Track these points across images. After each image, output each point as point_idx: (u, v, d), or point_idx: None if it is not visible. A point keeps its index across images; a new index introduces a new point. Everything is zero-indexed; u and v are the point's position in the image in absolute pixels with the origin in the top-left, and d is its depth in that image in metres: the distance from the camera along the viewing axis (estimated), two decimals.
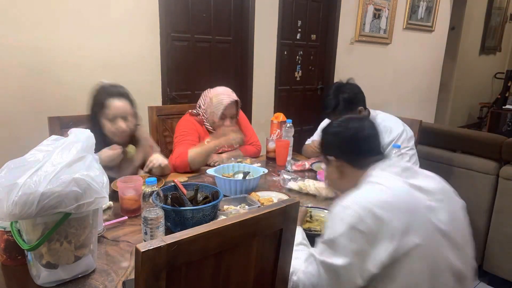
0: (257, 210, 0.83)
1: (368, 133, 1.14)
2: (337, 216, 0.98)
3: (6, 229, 1.02)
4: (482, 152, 2.29)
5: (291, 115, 2.65)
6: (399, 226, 0.92)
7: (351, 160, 1.14)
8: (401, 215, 0.94)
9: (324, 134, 1.23)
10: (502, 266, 2.23)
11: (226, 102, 1.96)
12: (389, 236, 0.92)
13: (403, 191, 0.99)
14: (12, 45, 2.17)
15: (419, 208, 0.98)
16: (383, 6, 4.43)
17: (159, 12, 2.69)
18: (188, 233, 0.71)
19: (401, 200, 0.97)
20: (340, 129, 1.17)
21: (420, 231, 0.94)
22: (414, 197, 0.99)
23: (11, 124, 2.23)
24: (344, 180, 1.16)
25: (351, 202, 0.97)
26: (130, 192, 1.38)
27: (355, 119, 1.20)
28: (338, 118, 1.22)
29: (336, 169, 1.17)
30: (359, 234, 0.93)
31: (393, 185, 1.00)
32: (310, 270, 1.00)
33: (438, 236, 0.98)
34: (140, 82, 2.69)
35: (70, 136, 1.03)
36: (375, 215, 0.93)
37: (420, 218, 0.96)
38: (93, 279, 1.01)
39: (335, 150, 1.17)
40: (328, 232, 0.99)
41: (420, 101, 5.42)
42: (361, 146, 1.13)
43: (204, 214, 1.25)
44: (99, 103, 1.62)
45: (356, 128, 1.14)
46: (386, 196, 0.97)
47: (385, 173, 1.05)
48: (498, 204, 2.20)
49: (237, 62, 3.38)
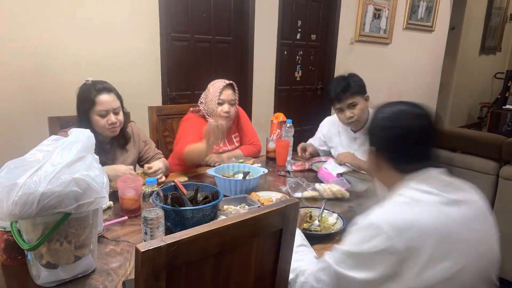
0: (257, 210, 0.83)
1: (420, 137, 0.99)
2: (363, 233, 0.90)
3: (6, 229, 1.02)
4: (482, 152, 2.29)
5: (291, 115, 2.65)
6: (428, 248, 0.85)
7: (392, 160, 1.02)
8: (431, 238, 0.86)
9: (374, 121, 1.08)
10: (502, 266, 2.21)
11: (221, 85, 1.99)
12: (417, 259, 0.85)
13: (436, 210, 0.90)
14: (12, 45, 2.17)
15: (453, 229, 0.90)
16: (383, 6, 4.43)
17: (159, 12, 2.69)
18: (188, 233, 0.71)
19: (433, 220, 0.88)
20: (389, 124, 1.01)
21: (450, 254, 0.87)
22: (448, 216, 0.90)
23: (11, 124, 2.23)
24: (380, 174, 1.07)
25: (379, 219, 0.89)
26: (130, 192, 1.38)
27: (412, 114, 1.01)
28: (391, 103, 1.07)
29: (374, 160, 1.07)
30: (388, 256, 0.86)
31: (426, 202, 0.91)
32: (321, 276, 0.96)
33: (470, 256, 0.92)
34: (140, 82, 2.69)
35: (70, 136, 1.03)
36: (404, 238, 0.85)
37: (452, 241, 0.89)
38: (93, 279, 1.01)
39: (377, 143, 1.05)
40: (350, 243, 0.93)
41: (420, 101, 5.32)
42: (406, 150, 1.00)
43: (204, 214, 1.25)
44: (88, 100, 1.62)
45: (407, 128, 0.99)
46: (417, 216, 0.88)
47: (420, 185, 0.94)
48: (498, 204, 2.20)
49: (237, 62, 3.38)
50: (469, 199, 0.97)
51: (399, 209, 0.91)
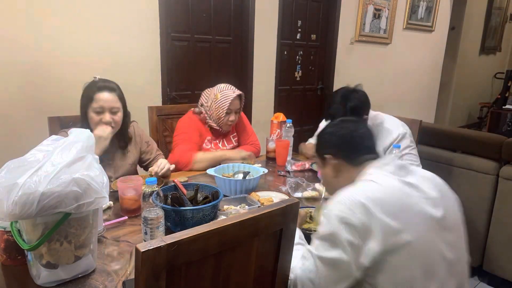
0: (257, 210, 0.83)
1: (363, 132, 1.19)
2: (330, 211, 1.00)
3: (6, 229, 1.02)
4: (482, 152, 2.29)
5: (291, 115, 2.65)
6: (389, 222, 0.94)
7: (347, 156, 1.17)
8: (393, 211, 0.96)
9: (321, 135, 1.27)
10: (502, 266, 2.23)
11: (232, 96, 1.98)
12: (380, 231, 0.93)
13: (396, 188, 1.01)
14: (12, 45, 2.17)
15: (412, 205, 1.00)
16: (383, 6, 4.43)
17: (159, 12, 2.69)
18: (188, 233, 0.71)
19: (393, 197, 0.99)
20: (336, 128, 1.22)
21: (411, 228, 0.96)
22: (408, 194, 1.01)
23: (11, 124, 2.23)
24: (340, 178, 1.19)
25: (343, 197, 1.00)
26: (130, 192, 1.38)
27: (350, 120, 1.25)
28: (333, 120, 1.28)
29: (332, 167, 1.20)
30: (351, 227, 0.94)
31: (386, 182, 1.03)
32: (307, 265, 1.01)
33: (431, 232, 0.99)
34: (140, 82, 2.69)
35: (70, 136, 1.03)
36: (366, 210, 0.95)
37: (412, 215, 0.98)
38: (93, 279, 1.01)
39: (331, 148, 1.20)
40: (323, 228, 1.01)
41: (420, 101, 5.42)
42: (356, 143, 1.18)
43: (204, 214, 1.25)
44: (87, 96, 1.63)
45: (351, 127, 1.20)
46: (378, 192, 0.99)
47: (380, 171, 1.07)
48: (498, 204, 2.20)
49: (237, 62, 3.38)
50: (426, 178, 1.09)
51: (360, 187, 1.03)
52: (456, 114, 6.52)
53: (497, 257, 2.24)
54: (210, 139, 2.07)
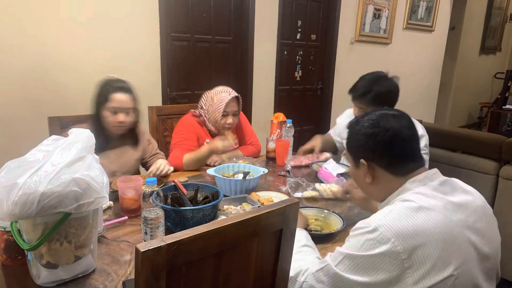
0: (257, 210, 0.83)
1: (408, 135, 0.99)
2: (364, 236, 0.89)
3: (6, 229, 1.02)
4: (482, 152, 2.28)
5: (291, 115, 2.65)
6: (432, 257, 0.85)
7: (387, 165, 1.00)
8: (436, 244, 0.86)
9: (354, 134, 1.05)
10: (502, 266, 2.22)
11: (227, 99, 1.98)
12: (419, 266, 0.85)
13: (441, 216, 0.89)
14: (12, 45, 2.17)
15: (456, 233, 0.89)
16: (383, 6, 4.43)
17: (159, 12, 2.69)
18: (188, 233, 0.71)
19: (438, 226, 0.87)
20: (375, 130, 0.99)
21: (454, 260, 0.87)
22: (452, 220, 0.90)
23: (11, 124, 2.23)
24: (378, 186, 1.04)
25: (380, 224, 0.87)
26: (130, 192, 1.38)
27: (391, 116, 1.01)
28: (367, 113, 1.05)
29: (368, 173, 1.03)
30: (388, 260, 0.85)
31: (431, 207, 0.90)
32: (320, 276, 0.95)
33: (472, 261, 0.91)
34: (140, 82, 2.68)
35: (70, 136, 1.03)
36: (407, 243, 0.85)
37: (457, 246, 0.88)
38: (93, 279, 1.01)
39: (367, 154, 1.02)
40: (351, 246, 0.91)
41: (420, 101, 5.42)
42: (399, 150, 0.99)
43: (204, 214, 1.25)
44: (103, 95, 1.67)
45: (394, 129, 0.98)
46: (422, 222, 0.87)
47: (422, 188, 0.94)
48: (498, 204, 2.20)
49: (237, 62, 3.38)
50: (469, 201, 0.97)
51: (403, 214, 0.88)
52: (456, 114, 6.52)
53: None
54: (209, 141, 2.07)
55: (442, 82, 5.86)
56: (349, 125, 1.09)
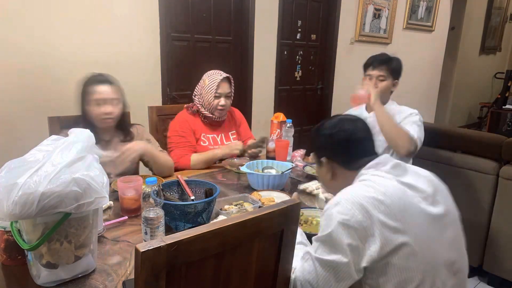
0: (258, 211, 0.83)
1: (361, 136, 1.15)
2: (329, 213, 0.99)
3: (6, 229, 1.02)
4: (482, 152, 2.28)
5: (291, 115, 2.65)
6: (389, 224, 0.93)
7: (344, 162, 1.15)
8: (392, 212, 0.95)
9: (317, 136, 1.22)
10: (502, 266, 2.23)
11: (219, 79, 1.99)
12: (379, 233, 0.93)
13: (394, 189, 1.00)
14: (12, 45, 2.17)
15: (411, 205, 0.99)
16: (383, 6, 4.43)
17: (159, 12, 2.69)
18: (188, 234, 0.70)
19: (392, 198, 0.97)
20: (333, 131, 1.16)
21: (411, 228, 0.95)
22: (405, 194, 1.00)
23: (11, 124, 2.23)
24: (337, 181, 1.17)
25: (341, 199, 0.98)
26: (130, 192, 1.38)
27: (348, 120, 1.18)
28: (329, 119, 1.21)
29: (328, 170, 1.18)
30: (351, 230, 0.94)
31: (384, 183, 1.01)
32: (306, 267, 1.01)
33: (430, 232, 0.99)
34: (140, 82, 2.69)
35: (70, 136, 1.03)
36: (366, 211, 0.94)
37: (411, 215, 0.97)
38: (93, 279, 1.01)
39: (327, 152, 1.18)
40: (322, 230, 1.00)
41: (420, 101, 5.42)
42: (354, 148, 1.14)
43: (197, 210, 1.25)
44: (84, 90, 1.67)
45: (349, 130, 1.14)
46: (376, 193, 0.97)
47: (376, 172, 1.06)
48: (498, 204, 2.20)
49: (237, 62, 3.38)
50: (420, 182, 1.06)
51: (361, 189, 1.00)
52: (456, 114, 6.52)
53: (497, 257, 2.23)
54: (206, 134, 2.08)
55: (442, 82, 5.86)
56: (314, 129, 1.24)
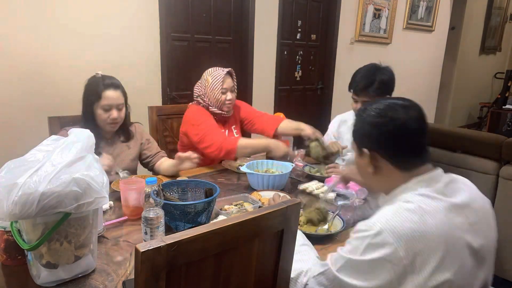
0: (258, 211, 0.83)
1: (416, 127, 0.95)
2: (366, 240, 0.87)
3: (6, 229, 1.02)
4: (482, 152, 2.28)
5: (291, 115, 2.65)
6: (433, 262, 0.83)
7: (391, 158, 0.97)
8: (437, 249, 0.84)
9: (360, 122, 1.02)
10: (502, 266, 2.23)
11: (222, 75, 2.00)
12: (420, 270, 0.83)
13: (441, 218, 0.87)
14: (12, 45, 2.17)
15: (456, 238, 0.87)
16: (383, 6, 4.43)
17: (159, 12, 2.69)
18: (188, 233, 0.70)
19: (440, 231, 0.85)
20: (381, 120, 0.96)
21: (452, 266, 0.85)
22: (454, 224, 0.88)
23: (11, 124, 2.23)
24: (380, 178, 1.01)
25: (383, 228, 0.85)
26: (135, 200, 1.35)
27: (400, 106, 0.96)
28: (375, 101, 1.01)
29: (371, 163, 1.00)
30: (389, 265, 0.84)
31: (433, 210, 0.87)
32: (322, 280, 0.94)
33: (470, 266, 0.90)
34: (140, 82, 2.69)
35: (70, 136, 1.03)
36: (409, 247, 0.83)
37: (455, 251, 0.86)
38: (93, 279, 1.01)
39: (372, 143, 0.98)
40: (353, 250, 0.89)
41: (420, 101, 5.32)
42: (404, 143, 0.95)
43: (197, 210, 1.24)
44: (95, 93, 1.66)
45: (402, 120, 0.94)
46: (425, 226, 0.85)
47: (427, 190, 0.92)
48: (498, 204, 2.20)
49: (237, 62, 3.38)
50: (471, 200, 0.96)
51: (407, 218, 0.86)
52: (456, 114, 6.51)
53: (497, 257, 2.23)
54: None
55: (442, 82, 5.86)
56: (357, 112, 1.06)
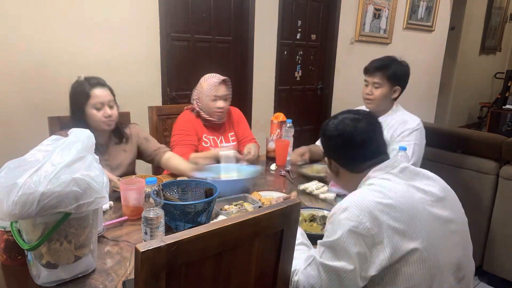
0: (258, 211, 0.83)
1: (364, 138, 1.08)
2: (336, 219, 0.96)
3: (6, 229, 1.02)
4: (482, 152, 2.28)
5: (291, 115, 2.65)
6: (397, 229, 0.91)
7: (345, 164, 1.13)
8: (401, 219, 0.92)
9: (321, 135, 1.19)
10: (502, 266, 2.23)
11: (216, 82, 2.01)
12: (388, 240, 0.91)
13: (403, 193, 0.97)
14: (13, 45, 2.17)
15: (420, 210, 0.96)
16: (383, 6, 4.42)
17: (159, 12, 2.69)
18: (188, 233, 0.70)
19: (400, 202, 0.95)
20: (334, 133, 1.11)
21: (419, 235, 0.93)
22: (414, 198, 0.98)
23: (11, 124, 2.23)
24: (342, 180, 1.17)
25: (349, 204, 0.95)
26: (135, 199, 1.36)
27: (350, 120, 1.10)
28: (336, 116, 1.16)
29: (333, 169, 1.17)
30: (359, 237, 0.91)
31: (392, 187, 0.98)
32: (309, 271, 0.99)
33: (438, 236, 0.97)
34: (140, 82, 2.69)
35: (70, 136, 1.03)
36: (374, 218, 0.91)
37: (420, 221, 0.95)
38: (93, 279, 1.01)
39: (329, 153, 1.16)
40: (328, 234, 0.98)
41: (420, 101, 5.42)
42: (355, 152, 1.09)
43: (197, 210, 1.25)
44: (83, 94, 1.65)
45: (349, 133, 1.08)
46: (385, 198, 0.95)
47: (385, 175, 1.03)
48: (498, 204, 2.20)
49: (237, 62, 3.38)
50: (430, 185, 1.04)
51: (369, 194, 0.97)
52: (456, 114, 6.51)
53: (497, 257, 2.23)
54: (207, 135, 2.08)
55: (442, 82, 5.85)
56: (321, 127, 1.21)
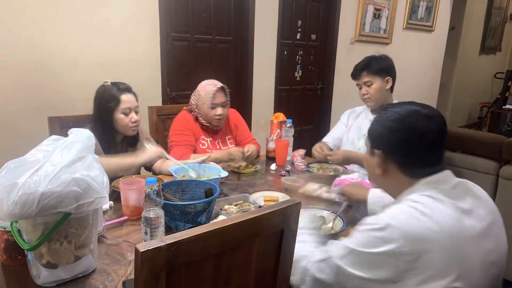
0: (258, 211, 0.83)
1: (432, 141, 0.94)
2: (371, 234, 0.87)
3: (6, 229, 1.02)
4: (482, 152, 2.28)
5: (291, 115, 2.65)
6: (438, 262, 0.83)
7: (401, 164, 0.97)
8: (444, 250, 0.83)
9: (378, 122, 1.01)
10: None
11: (213, 90, 2.00)
12: (425, 270, 0.83)
13: (451, 220, 0.86)
14: (13, 45, 2.17)
15: (465, 242, 0.86)
16: (383, 6, 4.43)
17: (159, 12, 2.69)
18: (188, 234, 0.70)
19: (446, 234, 0.84)
20: (398, 126, 0.95)
21: (460, 268, 0.85)
22: (463, 227, 0.87)
23: (11, 124, 2.23)
24: (387, 180, 1.02)
25: (391, 223, 0.85)
26: (135, 199, 1.36)
27: (422, 116, 0.95)
28: (399, 104, 1.01)
29: (379, 164, 1.00)
30: (390, 260, 0.84)
31: (440, 211, 0.87)
32: (323, 267, 0.94)
33: (479, 270, 0.89)
34: (140, 82, 2.69)
35: (70, 136, 1.03)
36: (414, 247, 0.83)
37: (463, 253, 0.85)
38: (93, 279, 1.01)
39: (385, 147, 0.98)
40: (358, 242, 0.89)
41: (420, 101, 5.37)
42: (418, 154, 0.95)
43: (197, 210, 1.24)
44: (114, 98, 1.69)
45: (421, 131, 0.93)
46: (431, 224, 0.84)
47: (434, 193, 0.91)
48: (498, 204, 2.18)
49: (237, 62, 3.38)
50: (479, 206, 0.95)
51: (413, 216, 0.86)
52: (456, 114, 6.52)
53: None
54: (204, 137, 2.08)
55: (442, 82, 5.86)
56: (378, 111, 1.06)
